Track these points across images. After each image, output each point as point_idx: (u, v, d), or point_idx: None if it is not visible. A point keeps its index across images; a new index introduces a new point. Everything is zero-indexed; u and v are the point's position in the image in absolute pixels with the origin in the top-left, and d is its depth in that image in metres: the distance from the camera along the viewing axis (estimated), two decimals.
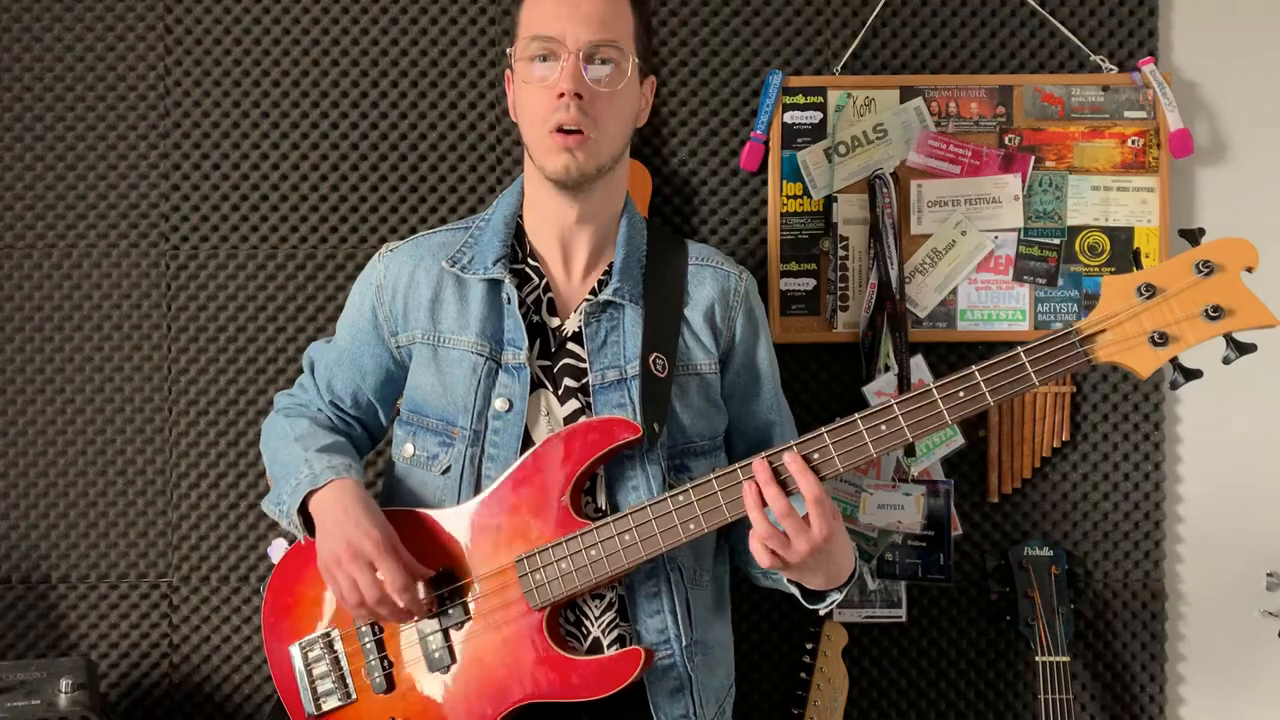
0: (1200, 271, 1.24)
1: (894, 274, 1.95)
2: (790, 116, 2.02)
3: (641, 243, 1.54)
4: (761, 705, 2.03)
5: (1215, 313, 1.23)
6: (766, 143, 2.01)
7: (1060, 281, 2.01)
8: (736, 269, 1.58)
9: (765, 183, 2.03)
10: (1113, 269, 2.00)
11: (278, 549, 2.01)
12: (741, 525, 1.39)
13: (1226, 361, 1.25)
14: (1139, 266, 1.27)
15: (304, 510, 1.45)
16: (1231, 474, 2.06)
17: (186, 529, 2.05)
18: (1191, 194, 2.06)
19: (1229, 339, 1.24)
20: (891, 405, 1.30)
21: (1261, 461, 2.06)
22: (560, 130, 1.40)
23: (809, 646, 1.92)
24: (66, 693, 1.78)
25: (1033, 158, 2.01)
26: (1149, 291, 1.25)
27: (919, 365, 1.98)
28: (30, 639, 2.05)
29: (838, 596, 1.41)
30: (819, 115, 2.02)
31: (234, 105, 2.05)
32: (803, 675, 1.90)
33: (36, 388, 2.05)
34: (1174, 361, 1.26)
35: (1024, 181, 2.00)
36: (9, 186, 2.05)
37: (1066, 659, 1.86)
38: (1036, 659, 1.86)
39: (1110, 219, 2.01)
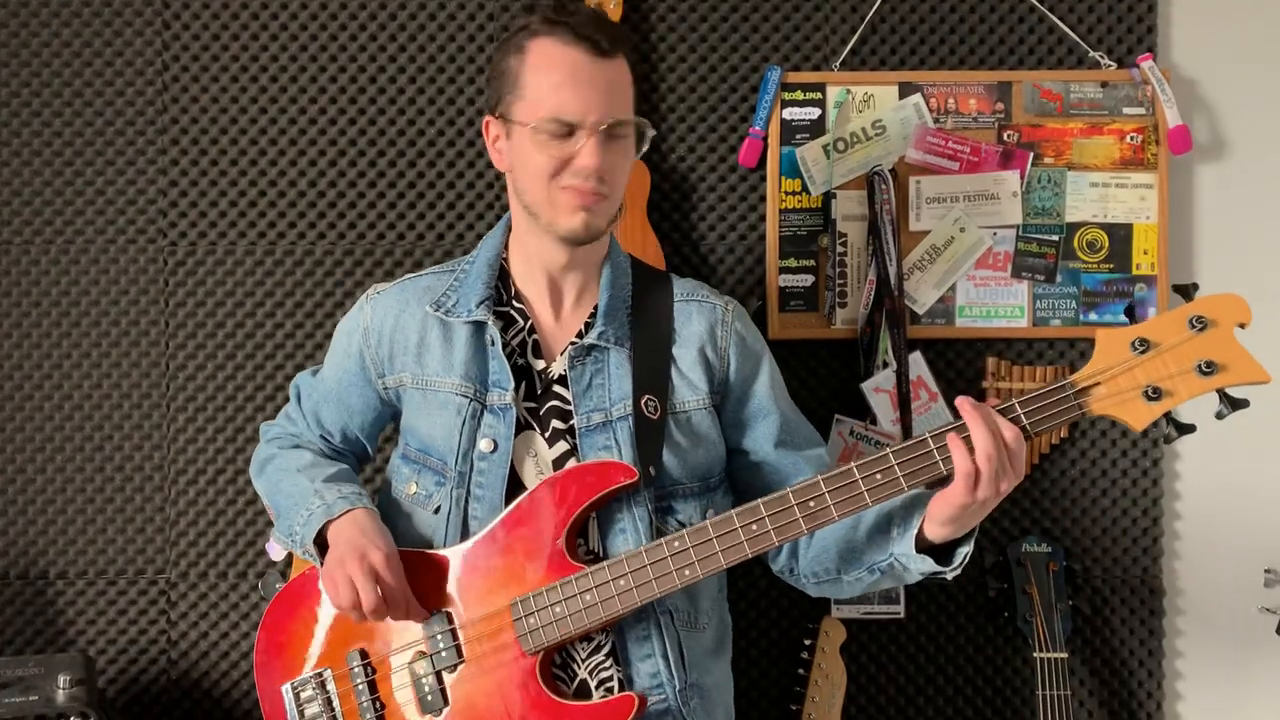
0: (1194, 327, 1.25)
1: (892, 270, 1.95)
2: (789, 113, 2.02)
3: (626, 284, 1.54)
4: (760, 701, 2.03)
5: (1209, 368, 1.25)
6: (765, 139, 2.01)
7: (1059, 278, 2.01)
8: (722, 300, 1.58)
9: (764, 179, 2.03)
10: (1111, 265, 2.00)
11: (276, 545, 2.01)
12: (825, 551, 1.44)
13: (1220, 417, 1.27)
14: (1133, 320, 1.29)
15: (318, 539, 1.47)
16: (1230, 471, 2.06)
17: (184, 525, 2.05)
18: (1190, 190, 2.06)
19: (1222, 394, 1.26)
20: (888, 454, 1.31)
21: (1260, 458, 2.06)
22: (574, 189, 1.41)
23: (807, 643, 1.92)
24: (64, 688, 1.78)
25: (1031, 154, 2.00)
26: (1143, 346, 1.26)
27: (917, 361, 1.98)
28: (28, 634, 2.05)
29: (968, 549, 1.36)
30: (818, 111, 2.02)
31: (232, 101, 2.05)
32: (801, 671, 1.91)
33: (34, 384, 2.05)
34: (1167, 416, 1.28)
35: (1023, 178, 2.00)
36: (7, 183, 2.05)
37: (1064, 655, 1.86)
38: (1034, 655, 1.86)
39: (1109, 215, 2.01)
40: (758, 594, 2.03)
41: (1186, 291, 1.28)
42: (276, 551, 2.02)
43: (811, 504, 1.33)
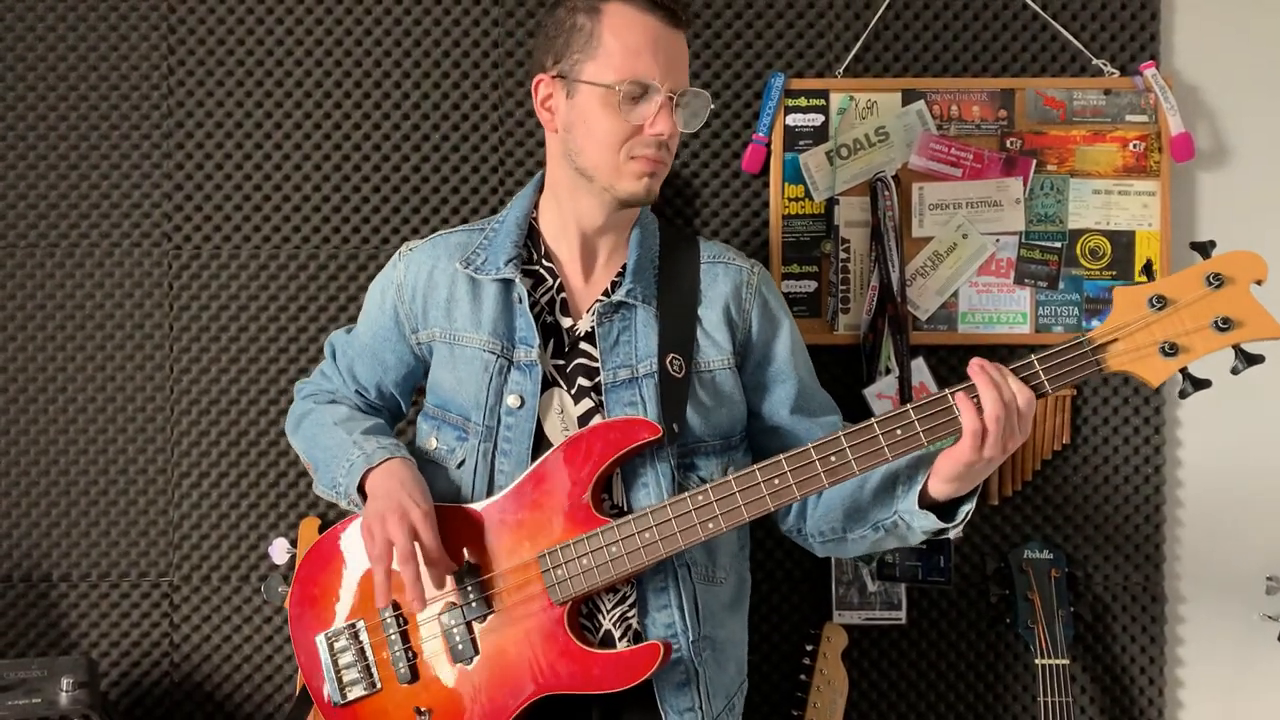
0: (1211, 284, 1.26)
1: (895, 276, 1.95)
2: (792, 119, 2.02)
3: (654, 244, 1.57)
4: (762, 707, 2.03)
5: (1225, 324, 1.25)
6: (768, 145, 2.01)
7: (1061, 285, 2.01)
8: (748, 263, 1.60)
9: (767, 185, 2.03)
10: (1114, 273, 2.01)
11: (278, 548, 2.01)
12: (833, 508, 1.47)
13: (1235, 372, 1.27)
14: (1151, 278, 1.29)
15: (362, 488, 1.49)
16: (1231, 477, 2.06)
17: (187, 528, 2.05)
18: (1193, 198, 2.06)
19: (1238, 350, 1.27)
20: (908, 410, 1.33)
21: (1261, 465, 2.06)
22: (644, 158, 1.44)
23: (809, 648, 1.92)
24: (67, 691, 1.78)
25: (1034, 161, 2.01)
26: (1160, 303, 1.27)
27: (920, 368, 1.98)
28: (31, 637, 2.05)
29: (970, 507, 1.38)
30: (821, 118, 2.02)
31: (236, 105, 2.05)
32: (802, 677, 1.91)
33: (39, 387, 2.06)
34: (1183, 371, 1.28)
35: (1025, 185, 2.01)
36: (12, 186, 2.06)
37: (1066, 662, 1.86)
38: (1036, 662, 1.86)
39: (1111, 223, 2.01)
40: (759, 598, 2.03)
41: (1204, 249, 1.29)
42: (279, 555, 2.02)
43: (833, 459, 1.35)
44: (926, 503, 1.38)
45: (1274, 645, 1.98)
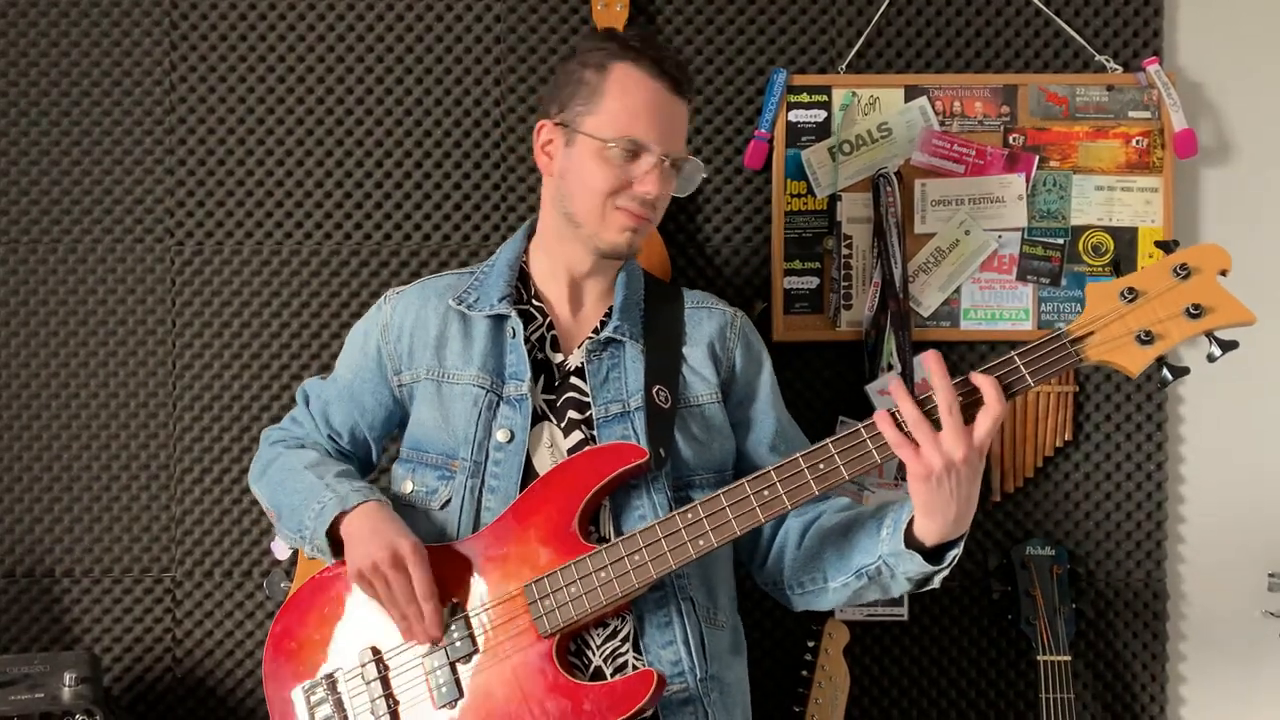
0: (1178, 275, 1.28)
1: (897, 273, 1.95)
2: (795, 115, 2.02)
3: (640, 287, 1.60)
4: (763, 704, 2.03)
5: (1196, 311, 1.27)
6: (771, 141, 2.01)
7: (1064, 281, 2.01)
8: (731, 309, 1.64)
9: (769, 181, 2.03)
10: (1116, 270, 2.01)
11: (280, 544, 2.01)
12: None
13: (1211, 359, 1.29)
14: (1119, 274, 1.32)
15: (330, 533, 1.45)
16: (1234, 474, 2.06)
17: (190, 524, 2.05)
18: (1196, 195, 2.06)
19: (1212, 336, 1.29)
20: (888, 412, 1.33)
21: (1264, 461, 2.06)
22: (628, 211, 1.47)
23: (810, 644, 1.92)
24: (70, 686, 1.78)
25: (1037, 157, 2.01)
26: (1132, 295, 1.29)
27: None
28: (34, 632, 2.05)
29: (957, 551, 1.34)
30: (823, 114, 2.02)
31: (239, 100, 2.05)
32: (804, 673, 1.91)
33: (41, 382, 2.06)
34: (1161, 359, 1.30)
35: (1028, 181, 2.00)
36: (14, 181, 2.06)
37: (1068, 658, 1.86)
38: (1038, 658, 1.86)
39: (1114, 219, 2.01)
40: (761, 595, 2.03)
41: (1168, 246, 1.32)
42: (281, 550, 2.02)
43: (821, 466, 1.34)
44: (914, 546, 1.35)
45: (1276, 642, 1.98)
